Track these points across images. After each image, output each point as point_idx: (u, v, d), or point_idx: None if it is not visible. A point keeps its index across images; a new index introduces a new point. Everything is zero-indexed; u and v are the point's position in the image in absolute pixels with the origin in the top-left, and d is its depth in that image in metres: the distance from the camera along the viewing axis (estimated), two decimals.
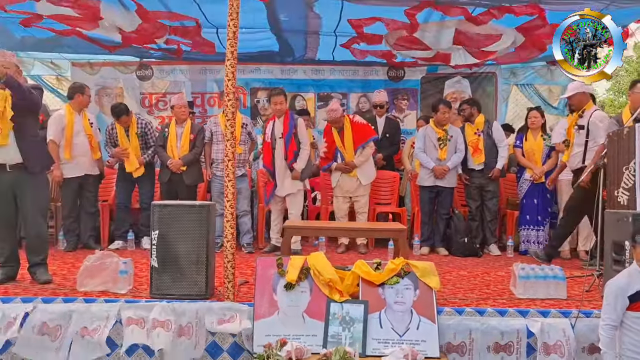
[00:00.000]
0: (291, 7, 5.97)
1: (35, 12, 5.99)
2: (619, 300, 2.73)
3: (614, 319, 2.75)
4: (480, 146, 5.81)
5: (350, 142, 5.77)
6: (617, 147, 4.08)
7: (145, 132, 5.97)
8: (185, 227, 3.53)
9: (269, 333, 3.30)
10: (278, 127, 5.67)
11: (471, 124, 5.93)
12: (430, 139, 5.87)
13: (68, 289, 3.75)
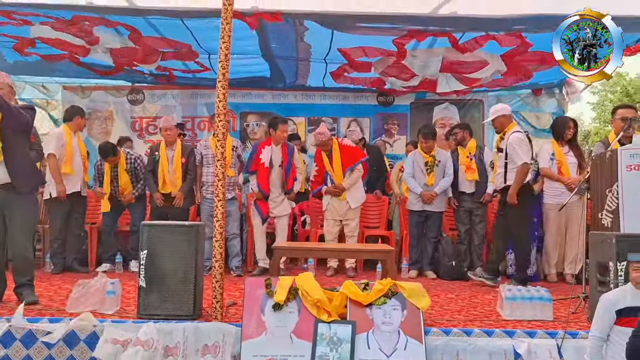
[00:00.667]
0: (282, 36, 6.09)
1: (29, 37, 6.07)
2: (607, 313, 2.82)
3: (600, 330, 2.83)
4: (473, 166, 5.91)
5: (339, 165, 5.81)
6: (600, 170, 4.17)
7: (135, 167, 5.98)
8: (174, 247, 3.53)
9: (256, 353, 3.29)
10: (277, 155, 5.77)
11: (463, 148, 6.01)
12: (418, 164, 5.94)
13: (55, 309, 3.72)
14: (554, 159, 5.49)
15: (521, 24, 5.55)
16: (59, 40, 6.12)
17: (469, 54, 6.25)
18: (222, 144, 3.50)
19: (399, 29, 5.79)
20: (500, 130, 5.21)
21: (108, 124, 7.98)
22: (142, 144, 7.89)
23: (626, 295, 2.82)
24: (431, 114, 8.14)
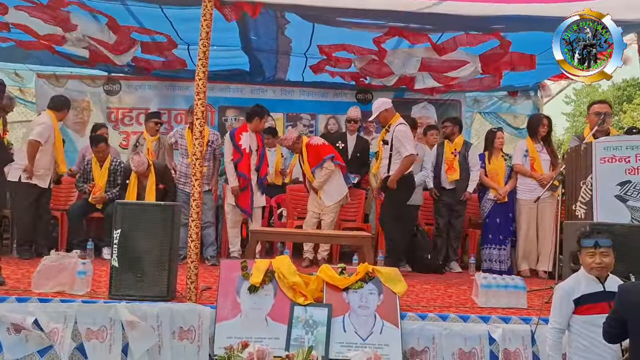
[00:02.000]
0: (262, 29, 6.05)
1: (2, 21, 5.91)
2: (564, 303, 2.75)
3: (559, 321, 2.77)
4: (455, 165, 5.90)
5: (307, 165, 5.86)
6: (575, 163, 4.24)
7: (116, 170, 5.97)
8: (149, 226, 3.47)
9: (230, 335, 3.25)
10: (253, 141, 5.78)
11: (450, 143, 6.02)
12: None
13: (22, 289, 3.61)
14: (528, 156, 5.57)
15: (500, 24, 5.63)
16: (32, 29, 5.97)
17: (448, 54, 6.30)
18: (200, 142, 3.45)
19: (379, 26, 5.81)
20: (384, 124, 5.39)
21: (84, 114, 7.80)
22: (117, 135, 7.74)
23: (580, 283, 2.75)
24: (409, 112, 8.14)
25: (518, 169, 5.64)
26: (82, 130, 7.72)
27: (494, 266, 5.63)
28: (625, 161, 3.95)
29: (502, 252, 5.67)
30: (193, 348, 3.25)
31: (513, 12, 5.21)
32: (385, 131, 5.42)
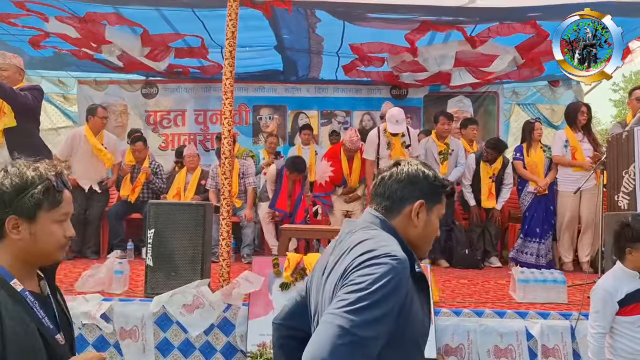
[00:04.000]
0: (294, 27, 6.06)
1: (44, 29, 6.12)
2: (609, 305, 2.57)
3: (604, 326, 2.58)
4: (493, 191, 5.81)
5: (357, 172, 5.85)
6: (616, 152, 4.07)
7: (155, 172, 6.10)
8: (182, 225, 3.53)
9: (263, 332, 3.26)
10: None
11: (488, 166, 5.85)
12: (431, 152, 5.86)
13: (63, 290, 3.72)
14: (568, 146, 5.38)
15: (536, 12, 5.46)
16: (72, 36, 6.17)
17: (482, 47, 6.15)
18: (228, 141, 3.48)
19: (410, 20, 5.73)
20: None
21: (123, 118, 8.02)
22: (156, 138, 7.91)
23: (622, 281, 2.58)
24: (445, 106, 8.04)
25: (558, 160, 5.46)
26: (121, 135, 7.91)
27: (532, 260, 5.47)
28: None
29: (542, 246, 5.50)
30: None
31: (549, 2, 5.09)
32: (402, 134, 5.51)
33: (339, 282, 1.32)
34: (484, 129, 8.01)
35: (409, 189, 1.50)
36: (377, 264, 1.27)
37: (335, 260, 1.43)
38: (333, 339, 1.16)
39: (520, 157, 5.75)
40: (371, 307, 1.20)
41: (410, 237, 1.48)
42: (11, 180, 1.35)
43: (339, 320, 1.19)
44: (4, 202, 1.34)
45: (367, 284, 1.23)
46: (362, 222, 1.51)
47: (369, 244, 1.35)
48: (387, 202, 1.51)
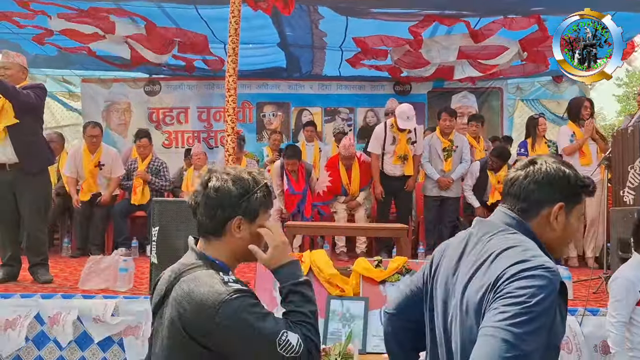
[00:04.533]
0: (297, 23, 6.05)
1: (47, 27, 6.13)
2: (631, 294, 2.57)
3: (625, 314, 2.59)
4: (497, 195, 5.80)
5: (357, 179, 5.86)
6: (621, 146, 4.05)
7: (158, 170, 6.14)
8: (186, 223, 3.50)
9: None
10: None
11: (494, 174, 5.87)
12: (435, 149, 5.84)
13: (68, 287, 3.75)
14: (575, 140, 5.34)
15: (540, 5, 5.44)
16: (76, 31, 6.17)
17: (486, 40, 6.13)
18: (232, 139, 3.48)
19: (413, 14, 5.71)
20: None
21: (126, 116, 8.02)
22: (159, 135, 7.92)
23: None
24: (449, 102, 8.01)
25: (568, 151, 5.36)
26: (124, 132, 7.94)
27: None
28: None
29: None
30: None
31: None
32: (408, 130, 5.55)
33: (488, 292, 1.28)
34: (488, 124, 7.97)
35: (548, 191, 1.42)
36: (534, 276, 1.24)
37: (473, 264, 1.38)
38: (499, 352, 1.16)
39: (525, 153, 5.73)
40: (532, 321, 1.19)
41: (547, 240, 1.43)
42: (235, 184, 1.47)
43: (503, 334, 1.18)
44: (231, 203, 1.46)
45: (526, 297, 1.20)
46: (499, 223, 1.44)
47: (520, 253, 1.30)
48: (523, 204, 1.43)
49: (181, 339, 1.36)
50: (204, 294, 1.35)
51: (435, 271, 1.55)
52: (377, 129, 5.77)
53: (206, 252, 1.50)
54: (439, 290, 1.50)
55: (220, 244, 1.50)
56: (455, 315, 1.39)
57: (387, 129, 5.64)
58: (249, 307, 1.36)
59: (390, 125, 5.65)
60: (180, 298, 1.37)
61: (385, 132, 5.64)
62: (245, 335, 1.34)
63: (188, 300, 1.36)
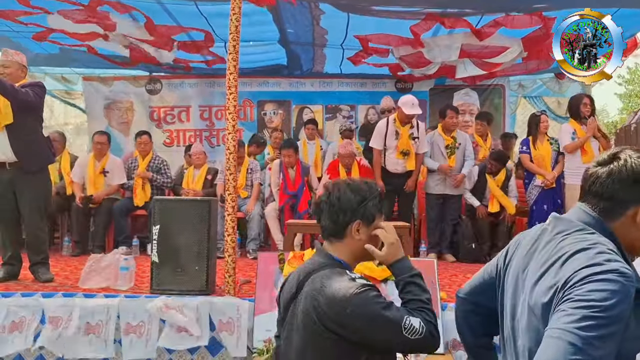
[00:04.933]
0: (297, 21, 6.02)
1: (47, 25, 6.10)
2: None
3: None
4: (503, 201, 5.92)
5: None
6: (624, 143, 4.02)
7: (159, 168, 6.16)
8: (187, 221, 3.50)
9: (269, 328, 3.23)
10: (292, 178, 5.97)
11: (492, 178, 5.94)
12: (437, 146, 5.81)
13: (69, 285, 3.73)
14: (576, 137, 5.30)
15: (543, 3, 5.41)
16: (77, 33, 6.16)
17: (488, 39, 6.10)
18: (233, 137, 3.45)
19: (415, 13, 5.68)
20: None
21: (128, 115, 7.99)
22: (160, 134, 7.90)
23: None
24: (451, 100, 7.98)
25: (570, 149, 5.34)
26: (126, 131, 7.92)
27: None
28: None
29: None
30: (232, 340, 3.28)
31: None
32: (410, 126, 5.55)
33: (557, 293, 1.25)
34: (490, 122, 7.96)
35: (634, 190, 1.34)
36: (607, 280, 1.19)
37: (544, 263, 1.35)
38: (565, 355, 1.14)
39: (527, 151, 5.70)
40: (602, 326, 1.15)
41: (630, 241, 1.37)
42: (354, 193, 1.70)
43: (569, 337, 1.15)
44: (351, 209, 1.68)
45: (597, 301, 1.17)
46: (576, 222, 1.38)
47: (594, 256, 1.25)
48: (607, 203, 1.36)
49: (316, 329, 1.56)
50: (335, 288, 1.55)
51: (507, 263, 1.55)
52: (380, 123, 5.76)
53: (331, 253, 1.71)
54: (509, 284, 1.50)
55: (341, 246, 1.72)
56: (523, 313, 1.37)
57: (390, 123, 5.63)
58: (375, 298, 1.54)
59: (392, 120, 5.64)
60: (315, 293, 1.58)
61: (387, 127, 5.62)
62: (374, 322, 1.52)
63: (322, 294, 1.56)
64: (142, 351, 3.29)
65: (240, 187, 5.78)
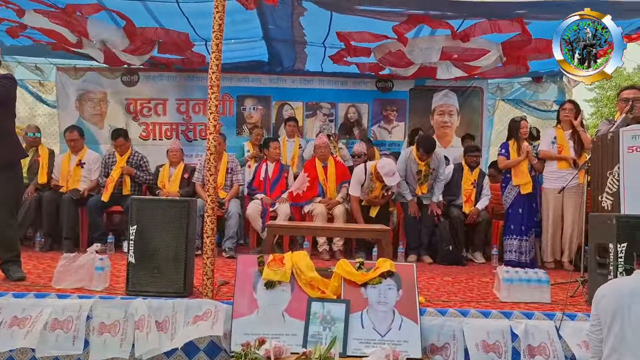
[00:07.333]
0: (279, 18, 5.96)
1: (21, 21, 5.92)
2: None
3: None
4: (473, 197, 6.01)
5: (333, 178, 6.00)
6: (601, 152, 4.09)
7: (139, 164, 6.05)
8: (165, 222, 3.43)
9: (247, 332, 3.21)
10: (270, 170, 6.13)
11: (470, 172, 6.07)
12: (411, 170, 5.89)
13: (41, 285, 3.64)
14: (555, 142, 5.41)
15: (524, 9, 5.45)
16: (52, 30, 6.01)
17: (468, 42, 6.14)
18: (214, 137, 3.40)
19: (398, 13, 5.68)
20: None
21: (102, 106, 7.82)
22: (136, 127, 7.77)
23: None
24: (430, 100, 8.05)
25: (543, 154, 5.49)
26: (100, 123, 7.77)
27: (513, 257, 5.51)
28: None
29: (524, 243, 5.53)
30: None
31: None
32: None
33: None
34: (469, 124, 8.04)
35: None
36: None
37: None
38: None
39: (506, 154, 5.76)
40: None
41: None
42: None
43: None
44: None
45: None
46: None
47: None
48: None
49: None
50: None
51: None
52: (357, 171, 5.87)
53: None
54: None
55: None
56: None
57: (367, 175, 5.80)
58: None
59: (369, 173, 5.81)
60: None
61: (365, 177, 5.81)
62: None
63: None
64: (117, 350, 3.21)
65: (220, 186, 5.73)
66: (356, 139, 7.76)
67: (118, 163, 5.91)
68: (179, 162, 6.18)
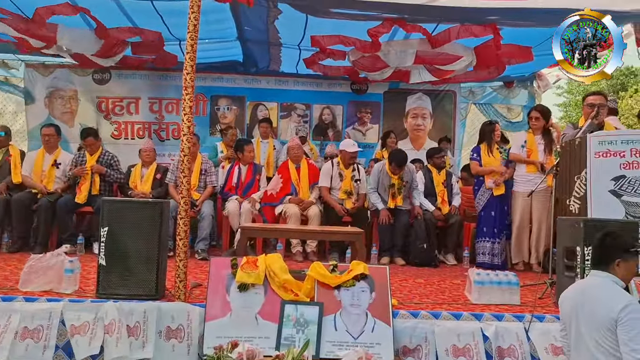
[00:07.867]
0: (254, 19, 5.94)
1: None
2: None
3: None
4: (446, 198, 6.13)
5: (306, 179, 6.07)
6: (569, 157, 4.19)
7: (110, 163, 5.96)
8: (136, 224, 3.39)
9: (220, 335, 3.20)
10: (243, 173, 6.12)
11: (438, 172, 6.24)
12: (382, 183, 5.93)
13: (8, 288, 3.55)
14: (525, 147, 5.51)
15: (497, 15, 5.54)
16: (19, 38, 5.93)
17: (442, 47, 6.20)
18: (188, 138, 3.37)
19: (373, 17, 5.71)
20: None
21: (72, 104, 7.67)
22: (108, 125, 7.64)
23: None
24: (404, 103, 8.12)
25: (513, 157, 5.60)
26: (70, 121, 7.62)
27: (486, 260, 5.59)
28: (620, 156, 3.92)
29: (496, 246, 5.62)
30: (182, 347, 3.21)
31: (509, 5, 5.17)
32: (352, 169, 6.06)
33: None
34: (441, 127, 8.14)
35: None
36: None
37: None
38: None
39: (477, 158, 5.84)
40: None
41: None
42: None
43: None
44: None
45: None
46: None
47: None
48: None
49: None
50: None
51: None
52: (326, 165, 6.18)
53: None
54: None
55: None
56: None
57: (334, 166, 6.07)
58: None
59: (336, 162, 6.10)
60: None
61: (332, 169, 6.06)
62: None
63: None
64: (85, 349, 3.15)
65: (193, 187, 5.67)
66: (330, 141, 7.79)
67: (88, 162, 5.78)
68: (151, 162, 6.10)
